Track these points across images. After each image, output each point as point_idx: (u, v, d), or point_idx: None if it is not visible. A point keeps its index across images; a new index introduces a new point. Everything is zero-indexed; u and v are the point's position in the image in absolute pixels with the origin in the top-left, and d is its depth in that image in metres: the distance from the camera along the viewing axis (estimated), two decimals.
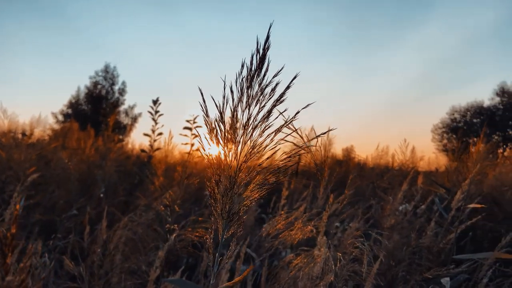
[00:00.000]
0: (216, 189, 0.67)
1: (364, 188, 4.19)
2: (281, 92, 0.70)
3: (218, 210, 0.67)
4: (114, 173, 3.65)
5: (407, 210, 2.66)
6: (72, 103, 23.15)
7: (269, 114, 0.69)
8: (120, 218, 2.32)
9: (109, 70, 23.72)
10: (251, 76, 0.68)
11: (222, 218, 0.67)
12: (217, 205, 0.67)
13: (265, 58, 0.69)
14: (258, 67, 0.69)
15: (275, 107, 0.70)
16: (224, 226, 0.67)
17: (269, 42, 0.70)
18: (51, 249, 2.33)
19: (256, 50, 0.69)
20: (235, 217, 0.67)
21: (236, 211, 0.67)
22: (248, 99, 0.69)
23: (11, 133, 6.68)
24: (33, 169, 2.89)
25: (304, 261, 1.19)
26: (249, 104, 0.69)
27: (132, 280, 1.74)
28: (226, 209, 0.67)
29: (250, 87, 0.69)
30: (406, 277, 1.99)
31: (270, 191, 2.44)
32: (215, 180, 0.66)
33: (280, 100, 0.70)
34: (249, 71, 0.69)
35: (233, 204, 0.66)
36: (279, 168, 0.70)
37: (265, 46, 0.69)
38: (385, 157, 5.33)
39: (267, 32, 0.69)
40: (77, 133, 5.33)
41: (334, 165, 6.42)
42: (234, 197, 0.66)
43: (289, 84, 0.70)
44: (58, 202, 2.98)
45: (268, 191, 0.69)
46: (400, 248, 1.98)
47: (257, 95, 0.69)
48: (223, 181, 0.66)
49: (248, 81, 0.69)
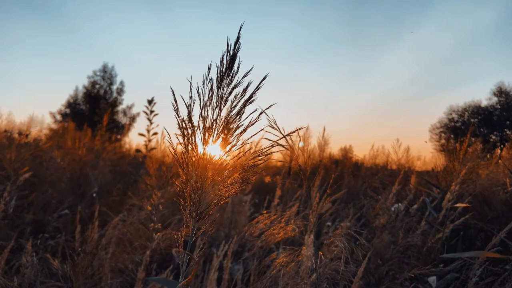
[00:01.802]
0: (184, 188, 0.67)
1: (358, 188, 4.21)
2: (251, 93, 0.71)
3: (187, 209, 0.68)
4: (108, 172, 3.66)
5: (400, 210, 2.67)
6: (70, 102, 23.15)
7: (238, 114, 0.70)
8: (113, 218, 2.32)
9: (107, 70, 23.74)
10: (221, 77, 0.69)
11: (191, 217, 0.68)
12: (186, 204, 0.68)
13: (235, 58, 0.70)
14: (228, 67, 0.70)
15: (245, 107, 0.71)
16: (193, 225, 0.68)
17: (240, 43, 0.70)
18: (41, 249, 2.34)
19: (226, 51, 0.70)
20: (204, 216, 0.68)
21: (205, 210, 0.67)
22: (218, 99, 0.70)
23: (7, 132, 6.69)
24: (26, 169, 2.89)
25: (286, 260, 1.20)
26: (219, 104, 0.70)
27: (120, 279, 1.74)
28: (194, 208, 0.67)
29: (220, 87, 0.69)
30: (395, 275, 2.00)
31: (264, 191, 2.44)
32: (183, 180, 0.67)
33: (250, 100, 0.71)
34: (219, 72, 0.70)
35: (201, 203, 0.67)
36: (248, 167, 0.71)
37: (235, 47, 0.70)
38: (380, 156, 5.36)
39: (237, 33, 0.70)
40: (73, 133, 5.33)
41: (330, 165, 6.45)
42: (202, 196, 0.67)
43: (259, 85, 0.71)
44: (51, 202, 2.98)
45: (238, 190, 0.70)
46: (388, 247, 1.99)
47: (226, 96, 0.69)
48: (191, 180, 0.67)
49: (218, 82, 0.69)
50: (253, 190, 3.94)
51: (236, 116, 0.70)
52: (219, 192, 0.68)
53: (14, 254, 2.18)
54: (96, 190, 3.22)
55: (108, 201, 3.31)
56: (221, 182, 0.69)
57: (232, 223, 3.04)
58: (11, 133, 7.04)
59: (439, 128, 23.44)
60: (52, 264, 1.79)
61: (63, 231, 2.52)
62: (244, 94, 0.71)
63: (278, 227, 1.25)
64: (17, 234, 2.28)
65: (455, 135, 21.48)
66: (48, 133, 7.79)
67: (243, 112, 0.71)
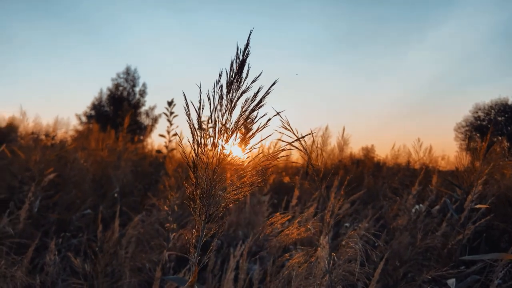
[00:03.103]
0: (195, 190, 0.69)
1: (378, 188, 4.16)
2: (260, 97, 0.72)
3: (197, 211, 0.69)
4: (130, 173, 3.73)
5: (421, 211, 2.63)
6: (95, 104, 23.70)
7: (248, 118, 0.71)
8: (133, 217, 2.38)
9: (130, 72, 24.19)
10: (230, 82, 0.71)
11: (200, 219, 0.70)
12: (196, 206, 0.70)
13: (244, 64, 0.71)
14: (237, 73, 0.71)
15: (254, 111, 0.72)
16: (203, 227, 0.70)
17: (249, 49, 0.72)
18: (65, 248, 2.41)
19: (236, 56, 0.71)
20: (214, 218, 0.69)
21: (214, 213, 0.69)
22: (228, 104, 0.71)
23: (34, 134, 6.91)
24: (50, 170, 2.99)
25: (299, 261, 1.20)
26: (229, 109, 0.71)
27: (139, 277, 1.78)
28: (204, 210, 0.69)
29: (229, 92, 0.71)
30: (414, 277, 1.98)
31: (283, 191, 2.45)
32: (193, 182, 0.69)
33: (260, 105, 0.72)
34: (229, 77, 0.71)
35: (211, 205, 0.69)
36: (258, 170, 0.72)
37: (244, 53, 0.71)
38: (402, 156, 5.28)
39: (247, 39, 0.71)
40: (97, 134, 5.45)
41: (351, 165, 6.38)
42: (211, 199, 0.69)
43: (268, 90, 0.72)
44: (75, 202, 3.07)
45: (247, 193, 0.71)
46: (407, 248, 1.97)
47: (235, 100, 0.71)
48: (201, 183, 0.69)
49: (227, 87, 0.71)
50: (271, 190, 3.95)
51: (245, 120, 0.71)
52: (228, 194, 0.70)
53: (38, 252, 2.26)
54: (118, 190, 3.29)
55: (129, 201, 3.39)
56: (230, 185, 0.71)
57: (250, 224, 3.06)
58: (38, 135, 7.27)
59: (465, 127, 22.86)
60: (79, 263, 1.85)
61: (85, 230, 2.59)
62: (254, 99, 0.72)
63: (293, 227, 1.26)
64: (42, 233, 2.35)
65: (481, 133, 20.88)
66: (74, 135, 8.00)
67: (253, 116, 0.72)
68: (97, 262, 1.82)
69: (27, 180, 2.78)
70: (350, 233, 1.26)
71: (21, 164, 3.18)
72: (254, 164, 0.72)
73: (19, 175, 2.83)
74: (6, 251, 1.83)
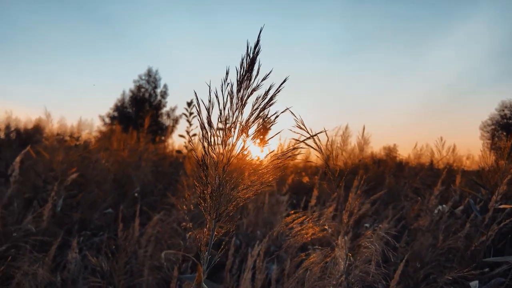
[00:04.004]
0: (205, 189, 0.69)
1: (400, 188, 4.08)
2: (271, 95, 0.72)
3: (208, 210, 0.69)
4: (150, 173, 3.78)
5: (444, 212, 2.57)
6: (117, 106, 24.17)
7: (259, 117, 0.71)
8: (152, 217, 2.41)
9: (151, 74, 24.56)
10: (240, 80, 0.70)
11: (211, 218, 0.69)
12: (206, 205, 0.70)
13: (254, 62, 0.71)
14: (247, 70, 0.71)
15: (265, 109, 0.71)
16: (213, 225, 0.70)
17: (259, 47, 0.71)
18: (87, 246, 2.46)
19: (246, 54, 0.71)
20: (225, 217, 0.69)
21: (224, 211, 0.69)
22: (238, 102, 0.71)
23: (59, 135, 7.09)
24: (73, 170, 3.06)
25: (315, 261, 1.19)
26: (239, 107, 0.71)
27: (157, 276, 1.80)
28: (214, 209, 0.69)
29: (240, 90, 0.71)
30: (435, 279, 1.93)
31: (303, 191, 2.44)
32: (203, 181, 0.69)
33: (270, 103, 0.72)
34: (239, 76, 0.71)
35: (221, 204, 0.69)
36: (268, 169, 0.71)
37: (255, 50, 0.71)
38: (425, 156, 5.18)
39: (257, 37, 0.71)
40: (119, 135, 5.54)
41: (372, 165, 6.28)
42: (222, 197, 0.69)
43: (279, 87, 0.71)
44: (97, 201, 3.14)
45: (257, 192, 0.71)
46: (428, 249, 1.92)
47: (245, 98, 0.71)
48: (211, 182, 0.69)
49: (238, 85, 0.71)
50: (290, 190, 3.94)
51: (256, 118, 0.71)
52: (239, 193, 0.70)
53: (61, 251, 2.31)
54: (138, 190, 3.34)
55: (149, 201, 3.43)
56: (241, 183, 0.70)
57: (268, 223, 3.06)
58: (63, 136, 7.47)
59: (491, 125, 22.19)
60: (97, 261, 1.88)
61: (106, 229, 2.64)
62: (265, 97, 0.72)
63: (308, 227, 1.24)
64: (65, 231, 2.41)
65: (507, 132, 20.23)
66: (97, 136, 8.18)
67: (264, 115, 0.72)
68: (116, 260, 1.85)
69: (51, 180, 2.86)
70: (366, 234, 1.24)
71: (46, 164, 3.27)
72: (264, 163, 0.71)
73: (43, 175, 2.90)
74: (29, 249, 1.88)
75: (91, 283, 1.72)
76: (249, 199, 0.68)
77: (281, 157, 0.72)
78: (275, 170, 0.72)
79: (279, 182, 3.77)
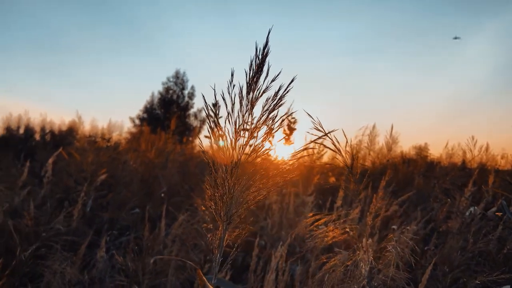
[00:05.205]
0: (216, 191, 0.69)
1: (430, 189, 3.96)
2: (280, 96, 0.71)
3: (219, 212, 0.69)
4: (176, 173, 3.84)
5: (475, 214, 2.47)
6: (147, 108, 24.68)
7: (268, 117, 0.70)
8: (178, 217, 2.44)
9: (179, 76, 24.93)
10: (249, 82, 0.70)
11: (221, 220, 0.69)
12: (216, 207, 0.69)
13: (263, 63, 0.70)
14: (256, 72, 0.70)
15: (274, 110, 0.71)
16: (225, 228, 0.70)
17: (268, 48, 0.70)
18: (116, 245, 2.52)
19: (255, 56, 0.70)
20: (236, 220, 0.69)
21: (233, 214, 0.68)
22: (248, 104, 0.70)
23: (91, 137, 7.31)
24: (103, 171, 3.15)
25: (335, 263, 1.17)
26: (248, 108, 0.70)
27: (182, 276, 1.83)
28: (225, 211, 0.69)
29: (249, 92, 0.70)
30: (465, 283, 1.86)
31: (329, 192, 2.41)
32: (212, 184, 0.69)
33: (279, 104, 0.71)
34: (249, 77, 0.70)
35: (230, 206, 0.68)
36: (279, 171, 0.70)
37: (264, 52, 0.70)
38: (456, 155, 5.02)
39: (266, 38, 0.70)
40: (147, 136, 5.64)
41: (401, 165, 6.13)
42: (232, 200, 0.68)
43: (287, 87, 0.71)
44: (125, 201, 3.21)
45: (268, 194, 0.70)
46: (456, 252, 1.85)
47: (254, 100, 0.70)
48: (221, 183, 0.68)
49: (247, 87, 0.70)
50: (316, 191, 3.89)
51: (265, 120, 0.70)
52: (248, 196, 0.69)
53: (91, 250, 2.38)
54: (165, 190, 3.39)
55: (176, 201, 3.48)
56: (252, 186, 0.70)
57: (293, 224, 3.04)
58: (95, 138, 7.71)
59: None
60: (123, 260, 1.93)
61: (133, 229, 2.70)
62: (275, 98, 0.71)
63: (330, 230, 1.22)
64: (94, 231, 2.48)
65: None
66: (127, 137, 8.39)
67: (274, 116, 0.71)
68: (143, 260, 1.88)
69: (81, 181, 2.95)
70: (390, 236, 1.20)
71: (77, 165, 3.38)
72: (275, 164, 0.71)
73: (74, 176, 3.00)
74: (58, 249, 1.95)
75: (116, 282, 1.76)
76: (260, 202, 0.68)
77: (291, 158, 0.71)
78: (287, 172, 0.71)
79: (305, 182, 3.73)
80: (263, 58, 0.70)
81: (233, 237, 0.71)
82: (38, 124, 8.40)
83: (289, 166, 0.71)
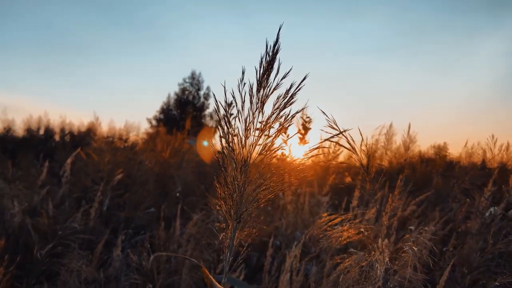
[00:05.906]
0: (226, 190, 0.68)
1: (449, 189, 3.88)
2: (291, 94, 0.70)
3: (229, 211, 0.69)
4: (191, 173, 3.86)
5: (496, 214, 2.41)
6: (163, 108, 24.92)
7: (278, 116, 0.69)
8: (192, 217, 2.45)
9: (195, 77, 25.09)
10: (260, 80, 0.69)
11: (231, 219, 0.69)
12: (226, 206, 0.69)
13: (274, 61, 0.69)
14: (267, 69, 0.69)
15: (285, 108, 0.70)
16: (234, 227, 0.69)
17: (279, 45, 0.69)
18: (132, 244, 2.55)
19: (265, 53, 0.69)
20: (246, 219, 0.68)
21: (244, 213, 0.68)
22: (258, 102, 0.69)
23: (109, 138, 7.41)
24: (120, 171, 3.18)
25: (350, 264, 1.15)
26: (258, 106, 0.69)
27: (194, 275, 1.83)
28: (235, 210, 0.68)
29: (259, 90, 0.69)
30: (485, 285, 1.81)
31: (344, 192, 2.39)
32: (221, 182, 0.68)
33: (290, 102, 0.70)
34: (259, 75, 0.69)
35: (240, 205, 0.68)
36: (291, 169, 0.69)
37: (274, 49, 0.69)
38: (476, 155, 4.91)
39: (276, 35, 0.69)
40: (163, 136, 5.68)
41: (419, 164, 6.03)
42: (241, 199, 0.68)
43: (299, 85, 0.69)
44: (141, 201, 3.24)
45: (277, 192, 0.69)
46: (476, 254, 1.81)
47: (264, 98, 0.69)
48: (231, 182, 0.68)
49: (258, 85, 0.69)
50: (332, 191, 3.86)
51: (276, 117, 0.69)
52: (259, 195, 0.68)
53: (107, 248, 2.41)
54: (180, 190, 3.41)
55: (191, 201, 3.50)
56: (262, 185, 0.69)
57: (308, 224, 3.02)
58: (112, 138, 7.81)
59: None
60: (138, 259, 1.94)
61: (148, 228, 2.72)
62: (286, 96, 0.70)
63: (344, 230, 1.21)
64: (111, 230, 2.51)
65: None
66: (144, 137, 8.48)
67: (285, 114, 0.70)
68: (157, 259, 1.89)
69: (99, 180, 2.99)
70: (406, 237, 1.18)
71: (94, 165, 3.43)
72: (287, 163, 0.70)
73: (91, 176, 3.05)
74: (75, 247, 1.98)
75: (131, 280, 1.78)
76: (271, 200, 0.67)
77: (304, 156, 0.70)
78: (300, 170, 0.70)
79: (320, 182, 3.70)
80: (273, 55, 0.69)
81: (243, 236, 0.70)
82: (58, 126, 8.58)
83: (302, 164, 0.70)
